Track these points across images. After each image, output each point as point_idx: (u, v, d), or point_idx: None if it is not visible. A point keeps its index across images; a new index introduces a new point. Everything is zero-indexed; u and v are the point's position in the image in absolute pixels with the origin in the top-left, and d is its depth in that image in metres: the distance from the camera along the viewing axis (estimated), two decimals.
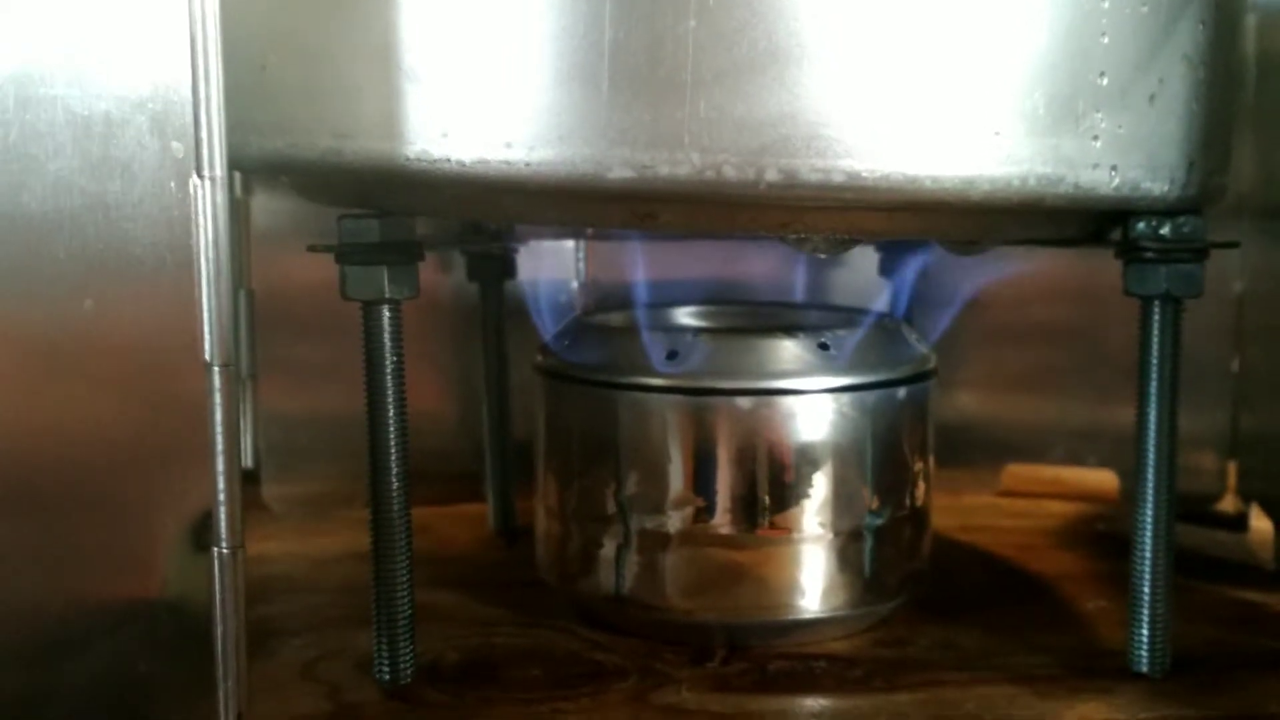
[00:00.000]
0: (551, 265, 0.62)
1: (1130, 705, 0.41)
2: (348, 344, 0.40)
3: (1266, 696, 0.41)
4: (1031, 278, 0.63)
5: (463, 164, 0.35)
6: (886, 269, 0.59)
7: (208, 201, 0.32)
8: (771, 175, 0.34)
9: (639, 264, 0.53)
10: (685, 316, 0.52)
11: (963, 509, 0.62)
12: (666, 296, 0.53)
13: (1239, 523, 0.60)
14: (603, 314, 0.51)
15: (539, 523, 0.48)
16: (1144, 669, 0.42)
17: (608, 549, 0.45)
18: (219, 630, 0.33)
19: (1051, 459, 0.64)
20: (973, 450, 0.64)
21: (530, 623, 0.47)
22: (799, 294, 0.56)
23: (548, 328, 0.49)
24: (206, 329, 0.32)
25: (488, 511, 0.59)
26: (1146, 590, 0.42)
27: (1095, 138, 0.36)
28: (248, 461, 0.61)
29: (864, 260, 0.61)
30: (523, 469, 0.51)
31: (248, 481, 0.60)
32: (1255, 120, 0.56)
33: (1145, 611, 0.42)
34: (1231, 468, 0.61)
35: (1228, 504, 0.61)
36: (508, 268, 0.58)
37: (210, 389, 0.32)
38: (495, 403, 0.58)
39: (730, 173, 0.34)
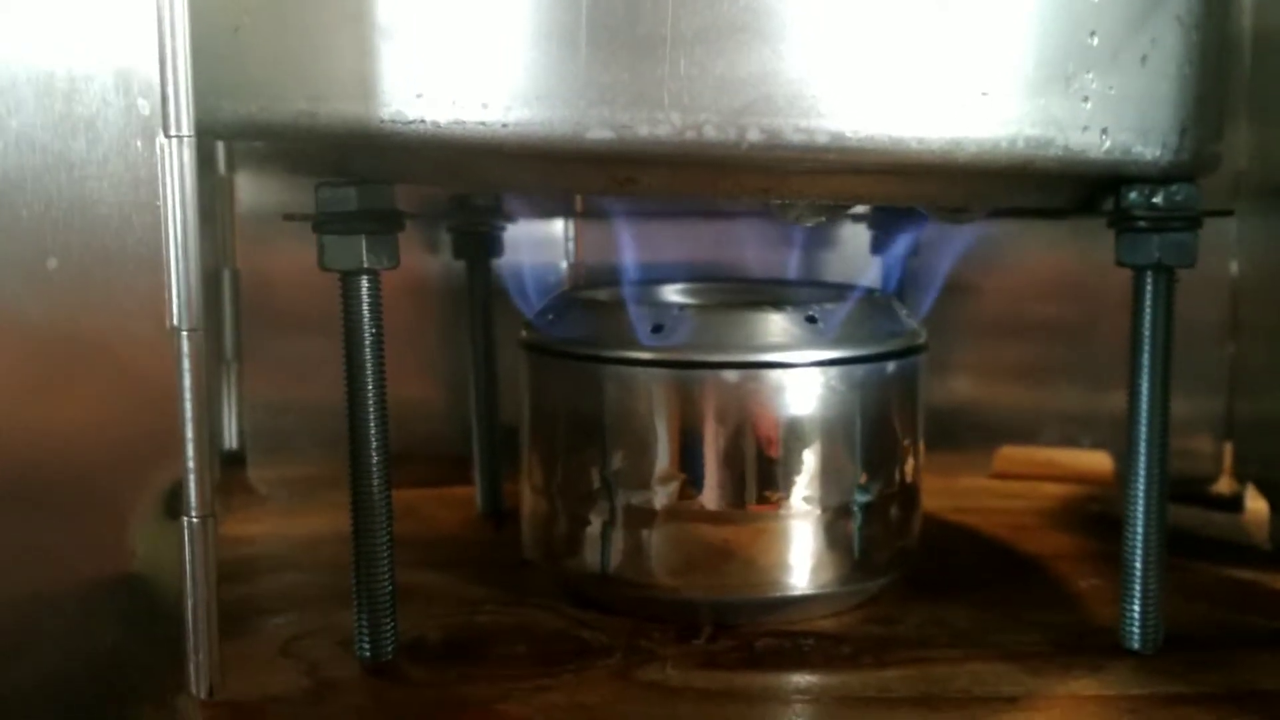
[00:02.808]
0: (541, 246, 0.62)
1: (1121, 681, 0.40)
2: (335, 325, 0.40)
3: (1258, 673, 0.41)
4: (1027, 261, 0.63)
5: (438, 125, 0.34)
6: (878, 246, 0.58)
7: (175, 161, 0.31)
8: (753, 135, 0.33)
9: (627, 243, 0.52)
10: (672, 293, 0.52)
11: (956, 491, 0.61)
12: (655, 277, 0.53)
13: (1234, 504, 0.59)
14: (588, 289, 0.50)
15: (524, 500, 0.47)
16: (1135, 645, 0.42)
17: (593, 526, 0.44)
18: (190, 601, 0.33)
19: (1045, 441, 0.64)
20: (966, 433, 0.64)
21: (515, 601, 0.47)
22: (790, 273, 0.55)
23: (531, 308, 0.48)
24: (174, 293, 0.32)
25: (475, 494, 0.59)
26: (1138, 565, 0.41)
27: (1086, 99, 0.36)
28: (233, 443, 0.61)
29: (856, 240, 0.60)
30: (511, 452, 0.50)
31: (234, 463, 0.60)
32: (1251, 100, 0.55)
33: (1137, 586, 0.41)
34: (1227, 450, 0.60)
35: (1223, 486, 0.60)
36: (494, 245, 0.57)
37: (178, 355, 0.32)
38: (483, 383, 0.58)
39: (711, 133, 0.33)
